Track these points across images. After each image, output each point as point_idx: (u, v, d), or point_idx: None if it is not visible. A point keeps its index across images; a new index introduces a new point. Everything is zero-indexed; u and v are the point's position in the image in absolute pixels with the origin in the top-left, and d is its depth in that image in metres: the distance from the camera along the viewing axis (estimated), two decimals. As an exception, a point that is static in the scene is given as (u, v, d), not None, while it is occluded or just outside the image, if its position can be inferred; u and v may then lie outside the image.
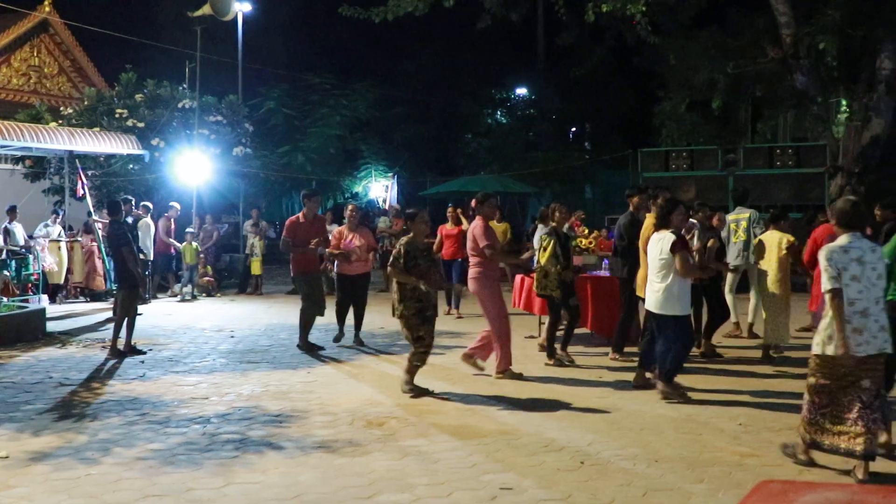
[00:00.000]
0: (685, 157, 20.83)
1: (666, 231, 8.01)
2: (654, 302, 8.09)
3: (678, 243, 7.88)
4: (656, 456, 6.24)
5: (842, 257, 5.76)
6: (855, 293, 5.72)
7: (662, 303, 7.99)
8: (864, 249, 5.79)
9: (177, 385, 8.92)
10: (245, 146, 21.92)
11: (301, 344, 11.18)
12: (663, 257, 7.93)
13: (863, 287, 5.72)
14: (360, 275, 11.74)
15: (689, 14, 20.52)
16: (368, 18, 18.29)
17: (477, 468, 5.96)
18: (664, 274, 7.94)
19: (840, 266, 5.73)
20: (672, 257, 7.84)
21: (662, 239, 7.99)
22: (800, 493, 3.58)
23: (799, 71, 17.36)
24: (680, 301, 7.96)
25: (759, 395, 8.40)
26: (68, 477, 5.77)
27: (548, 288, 9.92)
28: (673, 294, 7.93)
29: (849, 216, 5.92)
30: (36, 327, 12.28)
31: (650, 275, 8.17)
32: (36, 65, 28.67)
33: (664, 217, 8.09)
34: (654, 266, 8.05)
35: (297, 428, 7.08)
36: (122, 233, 11.07)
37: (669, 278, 7.91)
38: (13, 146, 16.78)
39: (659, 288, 8.00)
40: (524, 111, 38.21)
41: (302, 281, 11.44)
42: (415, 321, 8.23)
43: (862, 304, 5.71)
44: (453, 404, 7.98)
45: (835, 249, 5.81)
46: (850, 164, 17.47)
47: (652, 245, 8.16)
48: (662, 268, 7.95)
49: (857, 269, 5.73)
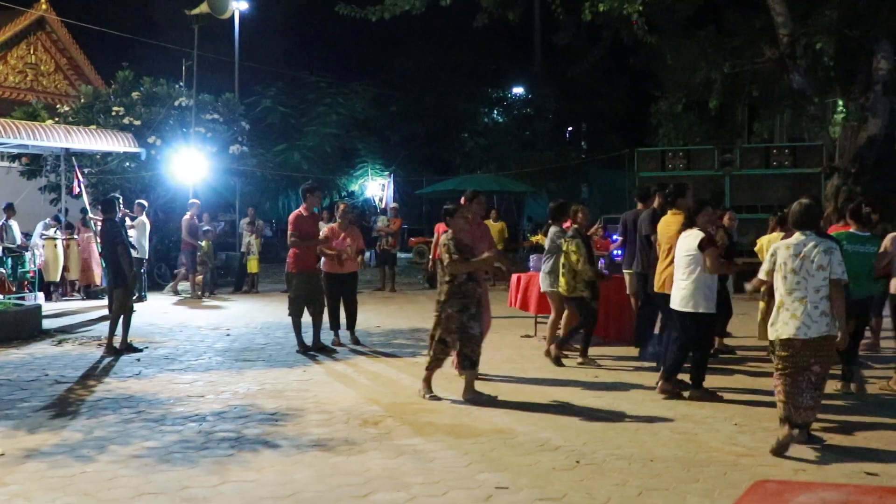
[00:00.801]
0: (682, 157, 20.85)
1: (693, 229, 8.11)
2: (679, 299, 8.13)
3: (707, 240, 7.98)
4: (651, 456, 6.25)
5: (783, 253, 6.53)
6: (793, 283, 6.42)
7: (687, 299, 8.05)
8: (808, 245, 6.43)
9: (172, 383, 8.91)
10: (241, 144, 21.89)
11: (300, 348, 10.92)
12: (690, 254, 8.01)
13: (800, 278, 6.39)
14: (350, 274, 11.64)
15: (685, 14, 20.49)
16: (365, 17, 18.27)
17: (472, 467, 5.96)
18: (691, 270, 8.01)
19: (780, 261, 6.53)
20: (700, 254, 7.94)
21: (689, 236, 8.08)
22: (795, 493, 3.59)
23: (795, 71, 17.37)
24: (706, 298, 8.03)
25: (754, 394, 8.40)
26: (63, 474, 5.76)
27: (577, 289, 9.79)
28: (700, 291, 8.00)
29: (801, 217, 6.59)
30: (32, 324, 12.27)
31: (676, 272, 8.23)
32: (32, 62, 28.64)
33: (691, 217, 8.22)
34: (681, 263, 8.11)
35: (292, 426, 7.08)
36: (117, 231, 11.06)
37: (695, 275, 7.98)
38: (9, 144, 16.76)
39: (685, 285, 8.06)
40: (521, 110, 38.25)
41: (299, 278, 10.96)
42: (455, 320, 7.98)
43: (800, 293, 6.38)
44: (449, 403, 7.98)
45: (779, 246, 6.64)
46: (847, 164, 17.48)
47: (679, 243, 8.24)
48: (689, 264, 8.02)
49: (797, 263, 6.43)
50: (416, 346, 11.45)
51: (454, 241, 8.06)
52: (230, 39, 28.00)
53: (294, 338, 11.06)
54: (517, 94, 38.98)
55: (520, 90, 38.86)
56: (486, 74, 37.12)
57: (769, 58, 17.63)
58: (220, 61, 27.19)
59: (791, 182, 19.35)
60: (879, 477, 5.83)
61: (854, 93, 17.54)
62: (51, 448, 6.39)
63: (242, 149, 21.92)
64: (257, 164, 23.96)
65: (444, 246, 8.04)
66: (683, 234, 8.21)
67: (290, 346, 11.25)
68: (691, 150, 21.31)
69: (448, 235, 8.16)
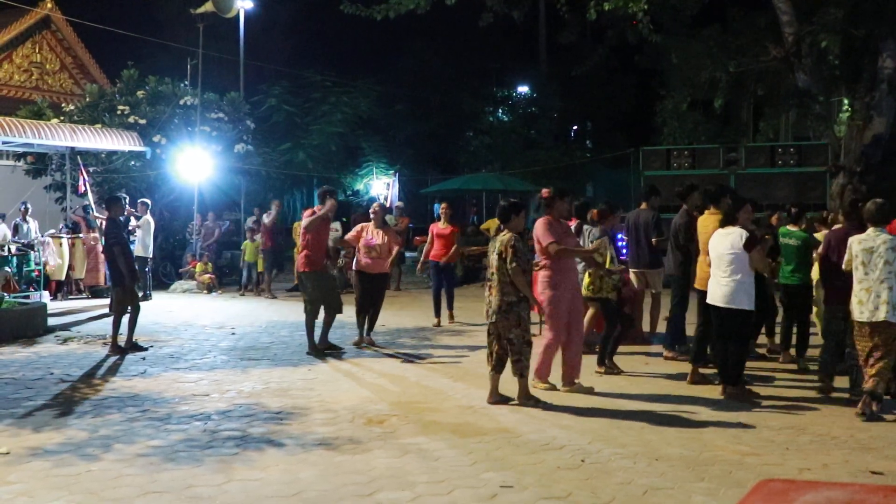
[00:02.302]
0: (686, 156, 20.82)
1: (734, 227, 8.18)
2: (721, 296, 8.20)
3: (752, 239, 8.06)
4: (656, 455, 6.24)
5: (856, 247, 7.55)
6: (862, 274, 7.46)
7: (730, 296, 8.13)
8: (878, 240, 7.43)
9: (177, 382, 8.92)
10: (246, 143, 21.90)
11: (311, 350, 10.66)
12: (733, 252, 8.07)
13: (869, 269, 7.42)
14: (379, 274, 11.48)
15: (690, 13, 20.46)
16: (370, 16, 18.26)
17: (477, 466, 5.96)
18: (733, 269, 8.09)
19: (854, 253, 7.55)
20: (743, 252, 8.02)
21: (731, 234, 8.15)
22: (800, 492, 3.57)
23: (801, 70, 17.33)
24: (748, 295, 8.13)
25: (759, 393, 8.39)
26: (68, 473, 5.77)
27: (604, 290, 9.61)
28: (742, 288, 8.09)
29: (875, 214, 7.52)
30: (37, 323, 12.30)
31: (715, 270, 8.30)
32: (38, 61, 28.64)
33: (731, 215, 8.30)
34: (723, 261, 8.18)
35: (297, 425, 7.08)
36: (116, 231, 11.03)
37: (739, 273, 8.06)
38: (15, 142, 16.79)
39: (727, 282, 8.15)
40: (526, 109, 38.17)
41: (312, 278, 10.70)
42: (528, 321, 7.86)
43: (867, 283, 7.44)
44: (454, 402, 7.98)
45: (854, 241, 7.59)
46: (852, 163, 17.44)
47: (718, 241, 8.30)
48: (732, 262, 8.10)
49: (867, 256, 7.48)
50: (420, 344, 11.46)
51: (517, 243, 7.77)
52: (235, 38, 27.93)
53: (294, 338, 11.07)
54: (522, 93, 38.92)
55: (524, 89, 38.79)
56: (490, 73, 37.06)
57: (774, 57, 17.59)
58: (225, 60, 27.20)
59: (796, 181, 19.31)
60: (885, 476, 5.83)
61: (859, 91, 17.49)
62: (56, 447, 6.40)
63: (247, 148, 21.93)
64: (262, 162, 23.96)
65: (511, 248, 7.70)
66: (722, 231, 8.30)
67: (294, 345, 11.25)
68: (696, 149, 21.28)
69: (508, 238, 7.80)
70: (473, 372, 9.44)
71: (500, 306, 7.71)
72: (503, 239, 7.78)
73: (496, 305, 7.74)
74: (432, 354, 10.74)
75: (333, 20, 28.45)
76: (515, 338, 7.72)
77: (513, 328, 7.70)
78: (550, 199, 8.84)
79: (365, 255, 11.34)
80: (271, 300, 17.25)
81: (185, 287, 18.86)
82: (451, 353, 10.77)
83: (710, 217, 9.16)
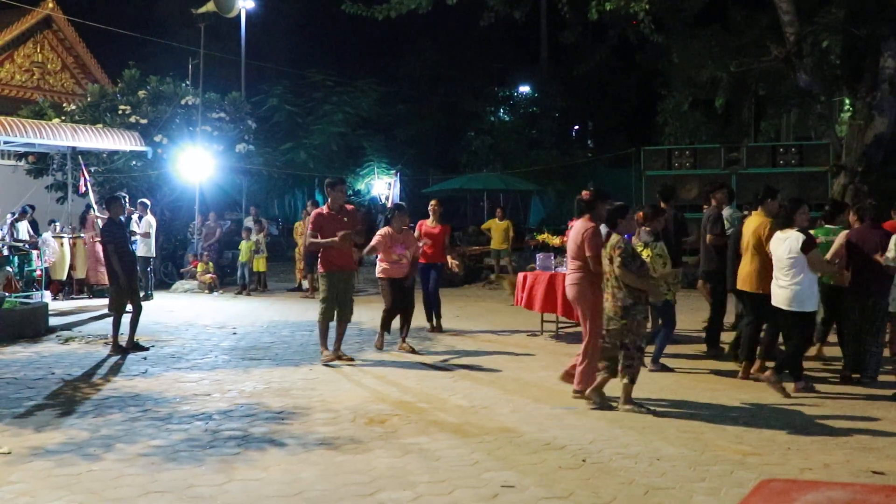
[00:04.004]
0: (688, 156, 20.85)
1: (791, 230, 8.29)
2: (783, 298, 8.35)
3: (809, 242, 8.17)
4: (658, 454, 6.24)
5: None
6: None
7: (791, 299, 8.27)
8: None
9: (179, 381, 8.92)
10: (248, 143, 21.90)
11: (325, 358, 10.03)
12: (792, 256, 8.20)
13: None
14: (406, 278, 11.11)
15: (692, 12, 20.48)
16: (372, 16, 18.27)
17: (478, 466, 5.96)
18: (794, 272, 8.22)
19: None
20: (802, 255, 8.15)
21: (789, 238, 8.26)
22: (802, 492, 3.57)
23: (802, 69, 17.32)
24: (809, 298, 8.28)
25: (759, 393, 8.39)
26: (70, 473, 5.77)
27: (671, 292, 9.53)
28: (803, 291, 8.23)
29: None
30: (38, 323, 12.30)
31: (777, 272, 8.43)
32: (39, 61, 28.67)
33: (789, 216, 8.42)
34: (783, 264, 8.32)
35: (298, 425, 7.08)
36: (112, 231, 11.00)
37: (800, 275, 8.19)
38: (16, 142, 16.80)
39: (787, 284, 8.29)
40: (527, 109, 38.20)
41: (325, 279, 10.17)
42: (643, 326, 7.79)
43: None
44: (455, 402, 7.98)
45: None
46: (853, 162, 17.43)
47: (777, 244, 8.42)
48: (792, 266, 8.23)
49: None
50: (421, 345, 11.43)
51: (629, 246, 7.69)
52: (236, 38, 28.02)
53: (295, 338, 11.03)
54: (523, 93, 38.93)
55: (526, 89, 38.81)
56: (492, 73, 37.07)
57: (776, 56, 17.58)
58: (226, 60, 27.22)
59: (798, 181, 19.32)
60: (886, 476, 5.82)
61: (861, 91, 17.48)
62: (57, 446, 6.40)
63: (249, 147, 21.94)
64: (264, 162, 24.00)
65: (619, 250, 7.59)
66: (780, 234, 8.42)
67: (296, 345, 11.25)
68: (698, 149, 21.31)
69: (619, 238, 7.67)
70: (474, 373, 9.45)
71: (616, 312, 7.63)
72: (612, 243, 7.69)
73: (612, 312, 7.66)
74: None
75: (335, 20, 28.54)
76: (630, 343, 7.62)
77: (629, 333, 7.61)
78: (591, 202, 8.48)
79: (390, 261, 11.02)
80: (273, 300, 17.24)
81: (186, 287, 18.87)
82: (451, 355, 10.77)
83: (756, 218, 9.20)
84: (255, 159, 22.62)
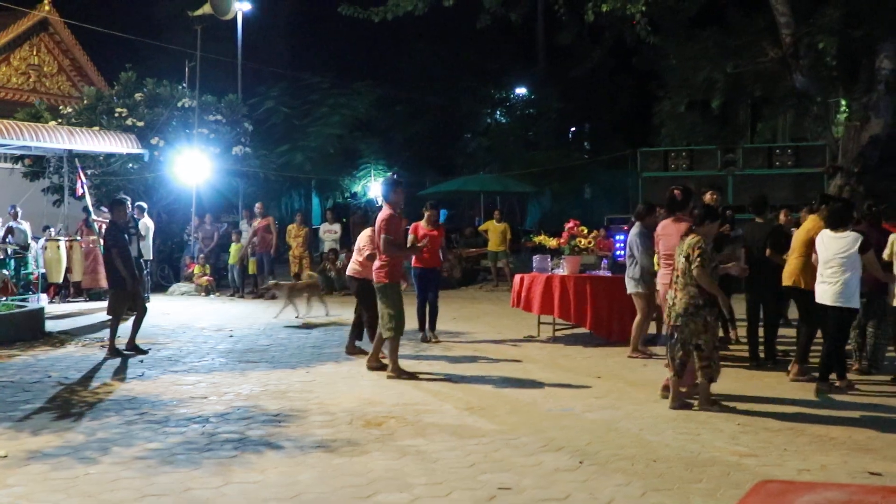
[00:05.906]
0: (684, 157, 20.88)
1: (847, 230, 8.54)
2: (831, 294, 8.58)
3: (866, 243, 8.44)
4: (655, 456, 6.24)
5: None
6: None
7: (837, 295, 8.52)
8: None
9: (175, 384, 8.91)
10: (244, 145, 21.91)
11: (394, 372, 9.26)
12: (846, 255, 8.43)
13: None
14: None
15: (688, 14, 20.49)
16: (368, 18, 18.27)
17: (475, 468, 5.96)
18: (844, 269, 8.47)
19: None
20: (857, 256, 8.39)
21: (845, 237, 8.50)
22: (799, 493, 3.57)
23: (798, 71, 17.34)
24: (854, 294, 8.55)
25: (758, 394, 8.39)
26: (66, 476, 5.76)
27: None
28: (849, 289, 8.49)
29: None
30: (35, 326, 12.27)
31: (823, 269, 8.65)
32: (35, 63, 28.66)
33: (844, 217, 8.68)
34: (833, 262, 8.54)
35: (295, 427, 7.07)
36: (115, 234, 11.00)
37: (849, 272, 8.45)
38: (12, 145, 16.80)
39: (836, 281, 8.53)
40: (523, 111, 38.25)
41: (392, 289, 9.28)
42: (715, 326, 7.80)
43: None
44: (452, 404, 7.98)
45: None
46: (850, 163, 17.45)
47: (829, 243, 8.62)
48: (843, 264, 8.47)
49: None
50: (418, 346, 11.44)
51: (707, 246, 7.66)
52: (233, 40, 27.98)
53: (292, 340, 11.03)
54: (520, 95, 38.97)
55: (523, 90, 38.84)
56: (488, 75, 37.09)
57: (772, 58, 17.62)
58: (222, 62, 27.18)
59: (794, 182, 19.36)
60: (883, 477, 5.83)
61: (857, 92, 17.51)
62: (54, 450, 6.39)
63: (245, 150, 21.94)
64: (260, 165, 23.99)
65: (699, 250, 7.55)
66: (832, 234, 8.63)
67: (293, 348, 11.24)
68: (694, 151, 21.35)
69: (699, 239, 7.63)
70: (471, 374, 9.44)
71: (686, 308, 7.62)
72: (691, 242, 7.66)
73: (682, 308, 7.64)
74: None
75: (331, 22, 28.49)
76: (704, 343, 7.61)
77: (701, 334, 7.60)
78: (684, 201, 8.81)
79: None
80: (269, 302, 17.23)
81: (183, 289, 18.87)
82: (448, 357, 10.76)
83: (811, 224, 9.41)
84: (251, 162, 22.61)
